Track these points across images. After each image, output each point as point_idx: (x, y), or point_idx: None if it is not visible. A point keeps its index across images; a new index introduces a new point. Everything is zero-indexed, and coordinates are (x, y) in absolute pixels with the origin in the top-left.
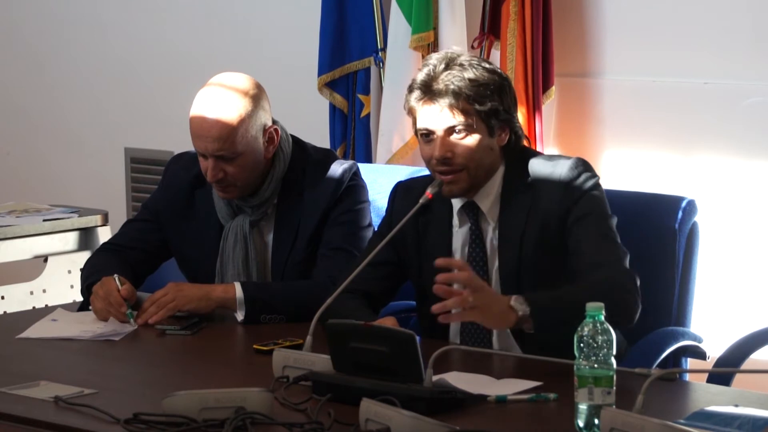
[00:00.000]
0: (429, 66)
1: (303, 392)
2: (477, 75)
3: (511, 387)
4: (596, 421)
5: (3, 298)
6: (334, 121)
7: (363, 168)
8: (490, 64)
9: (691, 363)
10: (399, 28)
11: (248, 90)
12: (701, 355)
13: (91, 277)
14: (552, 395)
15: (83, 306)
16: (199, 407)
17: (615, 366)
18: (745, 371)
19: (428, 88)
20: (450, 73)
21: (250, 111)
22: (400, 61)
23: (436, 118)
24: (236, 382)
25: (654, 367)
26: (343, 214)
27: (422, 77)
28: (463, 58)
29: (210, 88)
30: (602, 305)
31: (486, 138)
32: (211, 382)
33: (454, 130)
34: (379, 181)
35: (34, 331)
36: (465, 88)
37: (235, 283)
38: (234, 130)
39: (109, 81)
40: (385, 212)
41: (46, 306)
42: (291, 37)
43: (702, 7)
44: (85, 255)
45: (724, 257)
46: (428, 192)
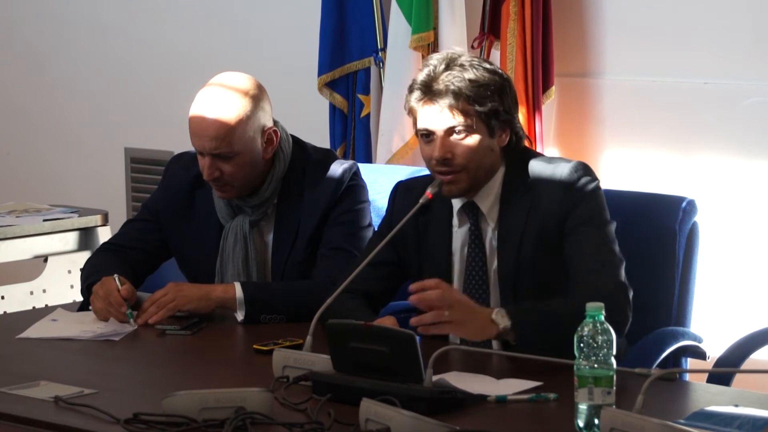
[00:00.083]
0: (429, 66)
1: (303, 392)
2: (477, 76)
3: (511, 387)
4: (596, 421)
5: (3, 298)
6: (334, 121)
7: (363, 168)
8: (491, 65)
9: (691, 363)
10: (399, 28)
11: (249, 90)
12: (701, 355)
13: (91, 277)
14: (552, 395)
15: (83, 306)
16: (199, 407)
17: (615, 366)
18: (745, 371)
19: (428, 88)
20: (450, 74)
21: (249, 111)
22: (400, 61)
23: (436, 119)
24: (236, 382)
25: (654, 367)
26: (343, 214)
27: (422, 77)
28: (463, 58)
29: (211, 87)
30: (602, 305)
31: (486, 139)
32: (211, 382)
33: (454, 130)
34: (379, 181)
35: (34, 331)
36: (465, 88)
37: (235, 283)
38: (231, 129)
39: (109, 81)
40: (386, 212)
41: (46, 306)
42: (291, 37)
43: (702, 7)
44: (85, 255)
45: (724, 257)
46: (428, 192)
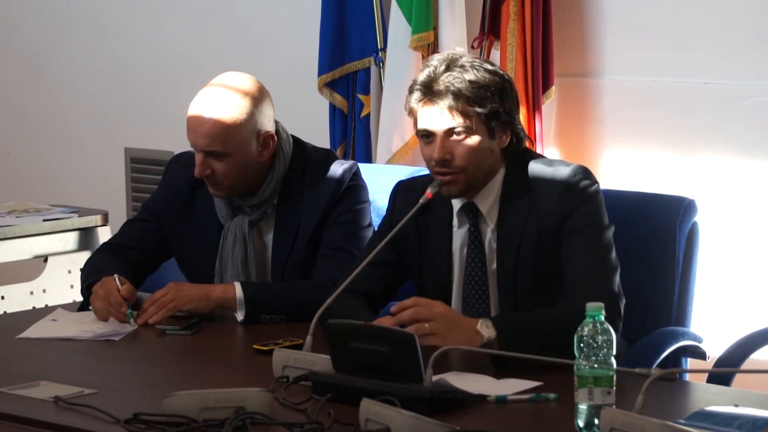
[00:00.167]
0: (430, 67)
1: (303, 392)
2: (478, 77)
3: (511, 387)
4: (596, 421)
5: (3, 298)
6: (334, 121)
7: (363, 168)
8: (492, 65)
9: (691, 363)
10: (399, 28)
11: (249, 92)
12: (701, 355)
13: (91, 277)
14: (552, 395)
15: (83, 306)
16: (199, 407)
17: (615, 366)
18: (745, 371)
19: (428, 89)
20: (450, 75)
21: (246, 114)
22: (400, 61)
23: (436, 120)
24: (236, 382)
25: (654, 367)
26: (343, 214)
27: (423, 78)
28: (464, 59)
29: (213, 86)
30: (602, 305)
31: (486, 140)
32: (211, 382)
33: (454, 131)
34: (379, 181)
35: (34, 331)
36: (465, 89)
37: (235, 283)
38: (224, 129)
39: (109, 81)
40: (386, 211)
41: (46, 306)
42: (291, 37)
43: (702, 7)
44: (85, 255)
45: (724, 257)
46: (428, 192)
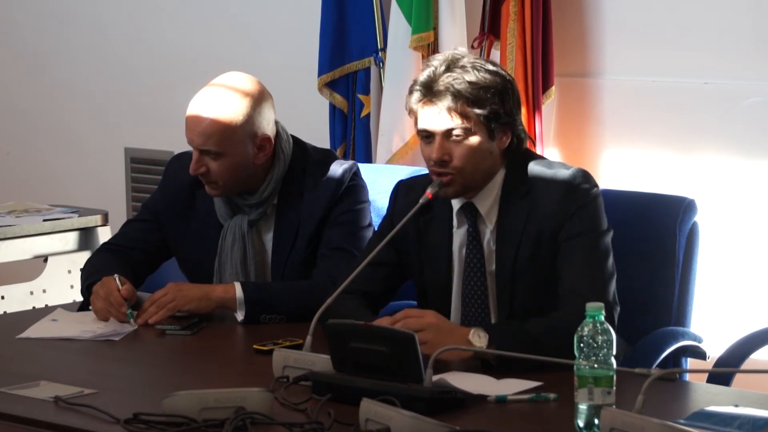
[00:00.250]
0: (430, 67)
1: (303, 392)
2: (478, 77)
3: (511, 387)
4: (596, 421)
5: (3, 298)
6: (334, 121)
7: (363, 168)
8: (494, 66)
9: (691, 363)
10: (399, 28)
11: (249, 94)
12: (701, 355)
13: (91, 277)
14: (552, 395)
15: (83, 306)
16: (199, 407)
17: (615, 366)
18: (745, 371)
19: (428, 89)
20: (450, 75)
21: (244, 115)
22: (400, 61)
23: (435, 120)
24: (236, 382)
25: (654, 367)
26: (343, 214)
27: (423, 78)
28: (465, 59)
29: (213, 85)
30: (602, 305)
31: (485, 141)
32: (211, 382)
33: (453, 132)
34: (379, 181)
35: (34, 331)
36: (464, 90)
37: (235, 283)
38: (220, 129)
39: (109, 81)
40: (386, 211)
41: (46, 306)
42: (291, 37)
43: (702, 7)
44: (85, 255)
45: (724, 257)
46: (428, 192)
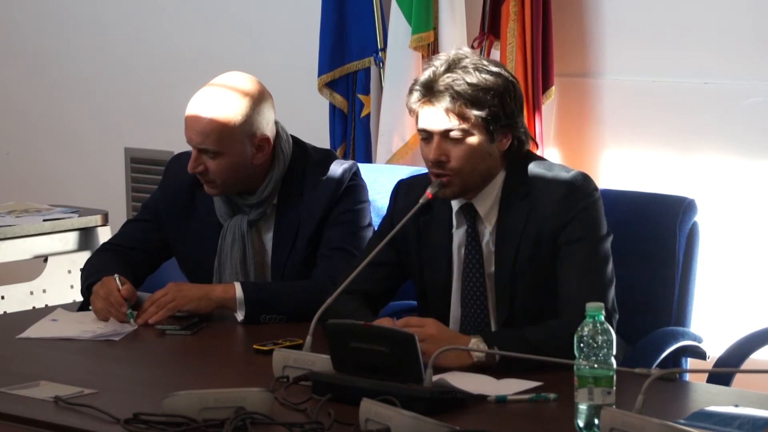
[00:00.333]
0: (432, 67)
1: (303, 392)
2: (479, 79)
3: (511, 387)
4: (596, 421)
5: (3, 298)
6: (334, 121)
7: (363, 168)
8: (498, 68)
9: (691, 363)
10: (399, 28)
11: (248, 94)
12: (701, 355)
13: (91, 277)
14: (552, 395)
15: (83, 306)
16: (199, 407)
17: (615, 366)
18: (745, 371)
19: (427, 89)
20: (450, 76)
21: (243, 115)
22: (400, 61)
23: (433, 120)
24: (236, 382)
25: (654, 367)
26: (343, 213)
27: (423, 78)
28: (467, 60)
29: (213, 85)
30: (602, 305)
31: (484, 143)
32: (211, 382)
33: (450, 133)
34: (379, 181)
35: (34, 331)
36: (463, 92)
37: (235, 283)
38: (218, 128)
39: (109, 81)
40: (387, 211)
41: (46, 306)
42: (291, 37)
43: (702, 7)
44: (85, 255)
45: (724, 257)
46: (428, 192)
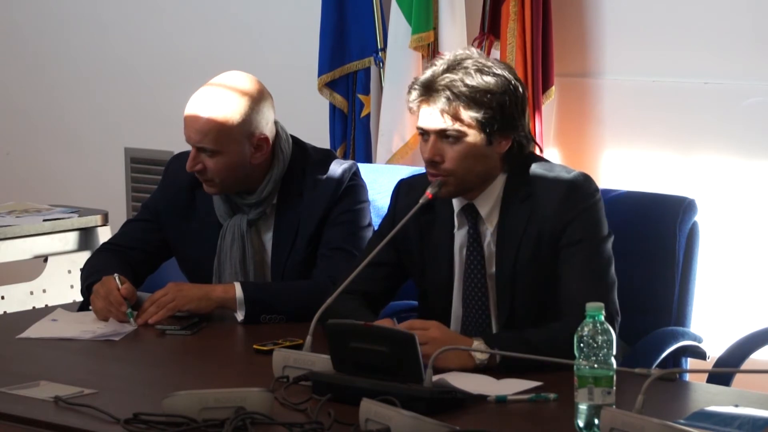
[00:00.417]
0: (433, 66)
1: (303, 392)
2: (478, 81)
3: (511, 387)
4: (596, 421)
5: (3, 298)
6: (334, 121)
7: (363, 168)
8: (502, 70)
9: (691, 363)
10: (399, 28)
11: (248, 93)
12: (701, 355)
13: (91, 276)
14: (552, 395)
15: (83, 306)
16: (199, 407)
17: (615, 366)
18: (745, 371)
19: (426, 88)
20: (449, 76)
21: (240, 115)
22: (400, 61)
23: (430, 120)
24: (236, 382)
25: (654, 367)
26: (342, 213)
27: (423, 78)
28: (470, 61)
29: (213, 84)
30: (602, 305)
31: (481, 146)
32: (211, 382)
33: (446, 134)
34: (379, 181)
35: (34, 331)
36: (461, 93)
37: (235, 283)
38: (217, 127)
39: (109, 81)
40: (388, 210)
41: (46, 306)
42: (291, 37)
43: (702, 7)
44: (85, 255)
45: (724, 257)
46: (428, 192)
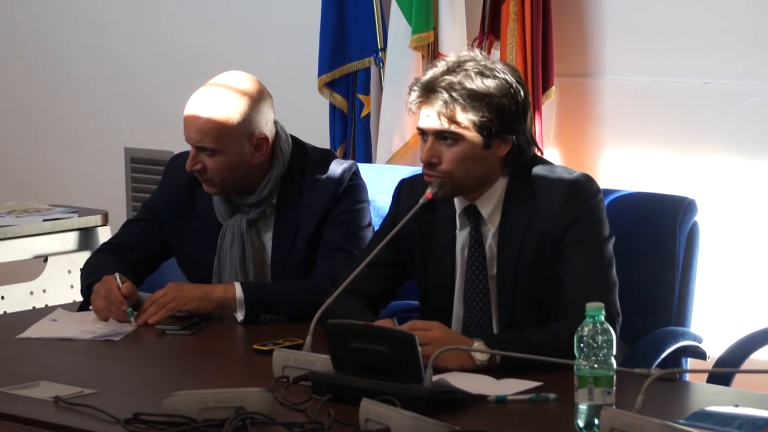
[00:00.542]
0: (435, 67)
1: (303, 392)
2: (478, 84)
3: (511, 387)
4: (596, 421)
5: (3, 298)
6: (334, 121)
7: (363, 168)
8: (504, 73)
9: (691, 363)
10: (399, 28)
11: (247, 93)
12: (701, 355)
13: (91, 276)
14: (552, 395)
15: (83, 306)
16: (199, 407)
17: (615, 366)
18: (745, 371)
19: (425, 89)
20: (449, 79)
21: (240, 114)
22: (400, 61)
23: (428, 121)
24: (236, 382)
25: (654, 367)
26: (342, 213)
27: (423, 78)
28: (472, 63)
29: (213, 84)
30: (602, 305)
31: (478, 148)
32: (211, 382)
33: (443, 135)
34: (379, 181)
35: (34, 331)
36: (459, 96)
37: (235, 283)
38: (216, 127)
39: (109, 81)
40: (389, 209)
41: (46, 306)
42: (291, 37)
43: (702, 7)
44: (85, 255)
45: (724, 257)
46: (428, 192)
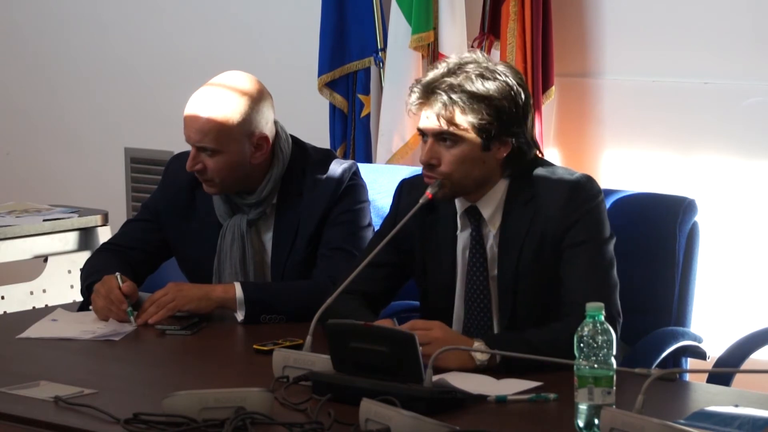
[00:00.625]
0: (435, 68)
1: (303, 392)
2: (479, 86)
3: (511, 387)
4: (596, 421)
5: (3, 298)
6: (334, 121)
7: (363, 168)
8: (506, 76)
9: (691, 363)
10: (399, 28)
11: (247, 93)
12: (701, 355)
13: (91, 276)
14: (552, 395)
15: (83, 306)
16: (199, 407)
17: (615, 366)
18: (745, 371)
19: (425, 91)
20: (449, 80)
21: (240, 114)
22: (400, 61)
23: (427, 122)
24: (236, 382)
25: (654, 367)
26: (342, 213)
27: (424, 80)
28: (473, 65)
29: (213, 84)
30: (602, 305)
31: (477, 150)
32: (211, 382)
33: (442, 137)
34: (379, 181)
35: (34, 331)
36: (459, 98)
37: (235, 283)
38: (217, 127)
39: (109, 81)
40: (390, 209)
41: (46, 306)
42: (291, 37)
43: (702, 7)
44: (85, 255)
45: (724, 257)
46: (428, 192)
